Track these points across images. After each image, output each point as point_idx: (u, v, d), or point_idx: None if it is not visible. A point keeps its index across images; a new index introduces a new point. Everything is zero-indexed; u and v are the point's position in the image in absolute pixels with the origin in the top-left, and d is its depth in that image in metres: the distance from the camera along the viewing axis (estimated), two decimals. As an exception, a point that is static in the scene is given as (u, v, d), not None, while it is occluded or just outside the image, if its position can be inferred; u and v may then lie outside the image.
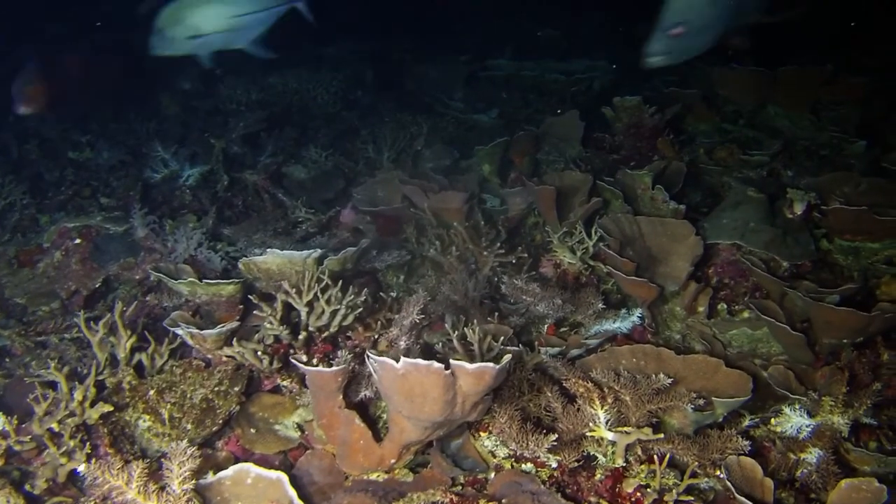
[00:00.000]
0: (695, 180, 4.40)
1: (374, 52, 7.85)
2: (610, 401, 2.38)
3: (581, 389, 2.38)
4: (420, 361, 2.03)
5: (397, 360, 2.08)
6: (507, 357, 2.20)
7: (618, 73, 6.76)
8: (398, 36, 8.46)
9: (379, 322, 3.17)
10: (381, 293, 3.42)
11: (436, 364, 2.03)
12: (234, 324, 2.91)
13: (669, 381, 2.49)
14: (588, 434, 2.38)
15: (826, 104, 5.34)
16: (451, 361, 2.08)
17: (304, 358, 2.98)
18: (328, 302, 2.91)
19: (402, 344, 2.66)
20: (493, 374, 2.12)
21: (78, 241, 3.96)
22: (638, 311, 3.17)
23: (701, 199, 4.40)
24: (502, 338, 2.72)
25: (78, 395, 2.70)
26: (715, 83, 5.46)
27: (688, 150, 4.83)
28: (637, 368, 2.72)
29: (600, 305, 3.03)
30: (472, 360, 2.70)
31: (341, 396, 2.52)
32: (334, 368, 2.41)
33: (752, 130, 5.21)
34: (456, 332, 2.73)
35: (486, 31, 8.73)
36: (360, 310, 3.03)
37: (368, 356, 2.25)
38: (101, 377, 2.98)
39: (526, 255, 3.55)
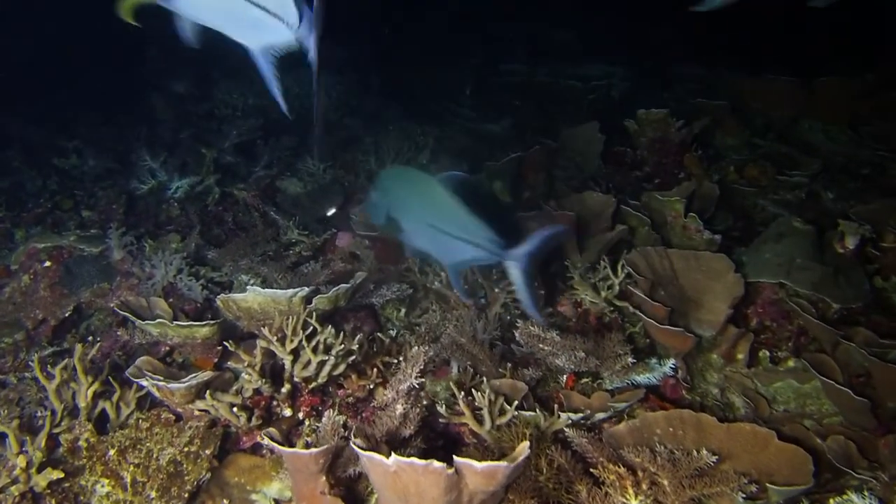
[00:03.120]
0: (723, 201, 3.99)
1: (380, 54, 7.46)
2: (645, 486, 1.99)
3: (612, 476, 1.99)
4: (416, 461, 1.65)
5: (388, 455, 1.70)
6: (524, 448, 1.81)
7: (635, 80, 6.38)
8: (405, 37, 8.08)
9: (375, 369, 2.79)
10: (378, 334, 3.04)
11: (436, 463, 1.65)
12: (207, 375, 2.52)
13: (714, 458, 2.09)
14: (620, 531, 1.98)
15: (865, 118, 4.94)
16: (456, 459, 1.70)
17: (288, 412, 2.60)
18: (315, 351, 2.53)
19: (399, 409, 2.27)
20: (507, 472, 1.73)
21: (48, 263, 3.59)
22: (671, 362, 2.77)
23: (732, 223, 4.01)
24: (516, 402, 2.33)
25: (21, 461, 2.33)
26: (745, 94, 5.06)
27: (716, 168, 4.44)
28: (674, 440, 2.32)
29: (630, 360, 2.63)
30: (480, 424, 2.33)
31: (324, 478, 2.13)
32: (314, 451, 2.02)
33: (784, 145, 4.81)
34: (462, 394, 2.35)
35: (497, 32, 8.36)
36: (354, 357, 2.65)
37: (354, 446, 1.86)
38: (57, 429, 2.62)
39: (542, 291, 3.16)
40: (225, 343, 2.66)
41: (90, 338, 3.39)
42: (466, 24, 8.41)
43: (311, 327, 2.56)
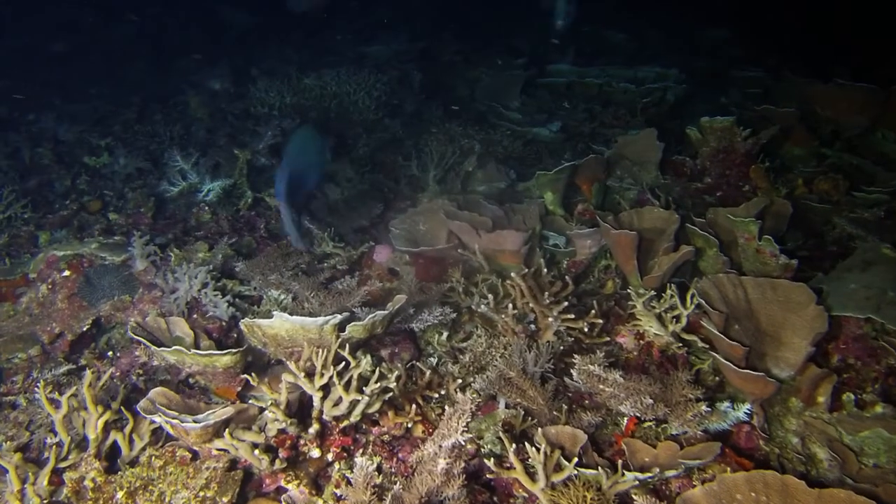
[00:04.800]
0: (791, 217, 3.63)
1: (423, 51, 7.19)
2: (729, 571, 1.69)
3: (692, 562, 1.69)
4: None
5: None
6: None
7: (690, 83, 6.04)
8: (449, 34, 7.81)
9: (414, 405, 2.51)
10: (418, 363, 2.77)
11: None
12: (226, 412, 2.26)
13: (807, 536, 1.79)
14: None
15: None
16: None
17: (316, 453, 2.34)
18: (347, 388, 2.26)
19: (441, 464, 1.99)
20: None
21: (67, 273, 3.36)
22: (745, 407, 2.45)
23: (802, 242, 3.67)
24: (575, 459, 2.04)
25: (17, 508, 2.09)
26: (814, 101, 4.69)
27: (783, 181, 4.09)
28: (758, 508, 2.01)
29: (704, 408, 2.31)
30: (533, 481, 2.04)
31: (354, 548, 1.86)
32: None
33: (855, 157, 4.44)
34: (513, 446, 2.06)
35: (545, 31, 8.05)
36: (391, 394, 2.39)
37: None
38: (64, 463, 2.38)
39: (601, 320, 2.86)
40: (247, 377, 2.40)
41: (109, 353, 3.15)
42: (514, 21, 8.14)
43: (343, 361, 2.30)
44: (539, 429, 2.22)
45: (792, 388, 2.66)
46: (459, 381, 2.68)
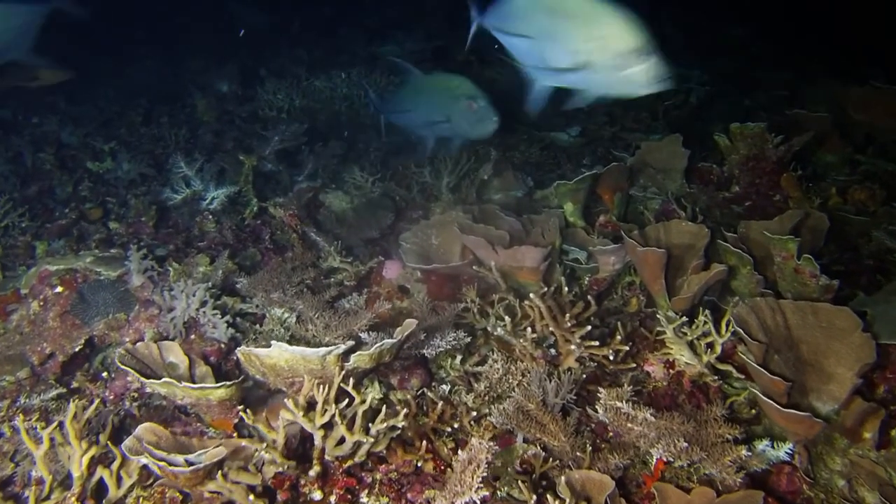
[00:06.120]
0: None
1: (437, 51, 6.98)
2: None
3: None
4: None
5: None
6: None
7: (714, 84, 5.81)
8: (465, 33, 7.60)
9: (424, 441, 2.31)
10: (429, 393, 2.57)
11: None
12: (218, 452, 2.06)
13: None
14: None
15: None
16: None
17: (318, 496, 2.15)
18: (351, 426, 2.06)
19: (454, 517, 1.79)
20: None
21: (59, 289, 3.17)
22: (787, 446, 2.24)
23: (838, 255, 3.46)
24: (603, 512, 1.84)
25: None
26: (850, 105, 4.46)
27: (816, 190, 3.87)
28: (808, 571, 1.80)
29: (744, 453, 2.09)
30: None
31: None
32: None
33: (891, 163, 4.22)
34: (534, 498, 1.85)
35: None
36: (399, 431, 2.20)
37: None
38: (46, 503, 2.20)
39: (627, 347, 2.64)
40: (241, 414, 2.20)
41: (104, 374, 2.97)
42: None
43: (347, 397, 2.11)
44: (562, 476, 2.01)
45: (836, 424, 2.44)
46: (474, 413, 2.49)
